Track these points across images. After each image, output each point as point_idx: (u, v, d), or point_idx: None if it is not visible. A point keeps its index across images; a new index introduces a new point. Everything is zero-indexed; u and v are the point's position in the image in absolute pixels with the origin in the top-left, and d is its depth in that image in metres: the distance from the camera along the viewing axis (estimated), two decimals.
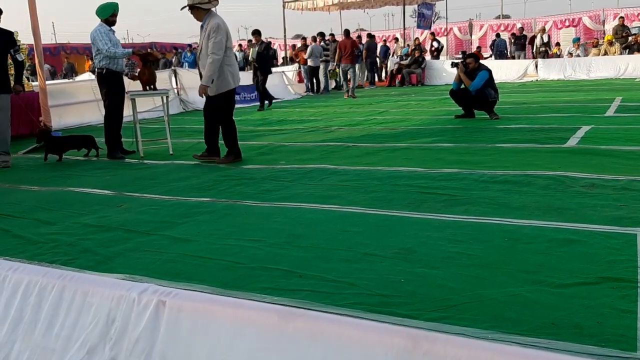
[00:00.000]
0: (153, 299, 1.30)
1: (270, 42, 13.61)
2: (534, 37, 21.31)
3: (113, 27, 6.80)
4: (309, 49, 16.80)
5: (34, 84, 9.44)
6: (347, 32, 16.28)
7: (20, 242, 3.66)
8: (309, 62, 17.00)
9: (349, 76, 15.58)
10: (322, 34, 18.15)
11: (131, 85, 7.18)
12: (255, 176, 5.38)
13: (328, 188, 4.71)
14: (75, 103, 10.51)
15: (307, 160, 6.01)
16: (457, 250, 3.03)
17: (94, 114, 10.63)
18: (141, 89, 6.96)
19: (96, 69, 6.76)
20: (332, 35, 18.38)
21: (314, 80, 17.38)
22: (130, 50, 6.88)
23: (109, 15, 6.68)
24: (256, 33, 13.38)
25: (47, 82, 8.67)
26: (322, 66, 17.21)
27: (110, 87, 6.70)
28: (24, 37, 9.28)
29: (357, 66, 16.29)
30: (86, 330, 1.34)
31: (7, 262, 1.60)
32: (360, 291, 2.59)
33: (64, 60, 24.91)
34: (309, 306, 2.39)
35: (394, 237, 3.32)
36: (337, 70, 16.56)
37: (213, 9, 6.11)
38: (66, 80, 17.71)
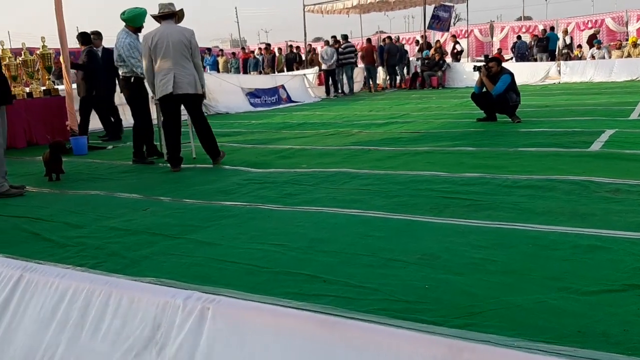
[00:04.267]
0: (197, 305, 1.33)
1: (91, 48, 9.23)
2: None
3: (138, 34, 6.86)
4: (319, 53, 17.08)
5: (60, 87, 9.59)
6: (368, 40, 20.85)
7: (49, 245, 3.73)
8: (323, 66, 17.18)
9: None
10: (334, 37, 18.22)
11: None
12: (277, 180, 5.41)
13: (350, 192, 4.73)
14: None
15: (328, 164, 6.04)
16: (481, 256, 3.02)
17: None
18: None
19: (123, 75, 6.83)
20: (333, 37, 18.39)
21: (329, 83, 17.45)
22: None
23: (141, 24, 6.77)
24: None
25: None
26: (338, 69, 17.31)
27: (136, 93, 6.78)
28: (50, 42, 9.48)
29: (380, 68, 19.25)
30: (133, 335, 1.38)
31: (54, 268, 1.65)
32: (384, 297, 2.60)
33: None
34: (332, 311, 2.41)
35: (417, 242, 3.33)
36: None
37: (170, 20, 6.17)
38: None
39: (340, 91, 17.71)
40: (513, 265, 2.89)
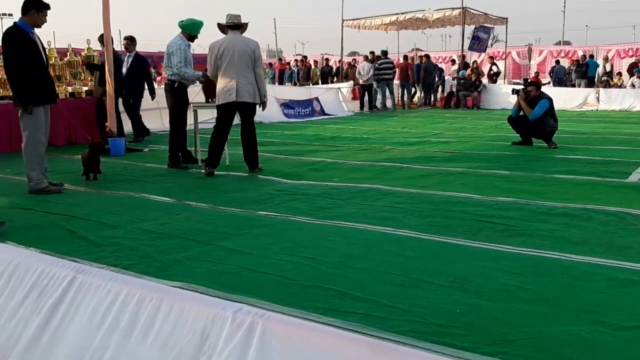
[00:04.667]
0: (247, 319, 1.34)
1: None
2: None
3: (190, 42, 7.03)
4: (358, 68, 17.24)
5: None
6: (405, 57, 20.29)
7: (85, 244, 3.81)
8: (360, 81, 17.29)
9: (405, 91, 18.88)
10: (372, 53, 18.32)
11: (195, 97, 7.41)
12: (308, 192, 5.44)
13: (382, 209, 4.72)
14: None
15: (360, 179, 6.04)
16: (514, 283, 2.99)
17: (156, 122, 11.00)
18: (204, 100, 7.19)
19: (167, 80, 6.96)
20: (372, 52, 18.50)
21: (365, 98, 17.51)
22: (199, 74, 7.03)
23: (196, 33, 7.00)
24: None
25: None
26: (374, 85, 17.37)
27: (177, 99, 6.91)
28: (95, 45, 9.72)
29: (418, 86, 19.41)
30: (181, 344, 1.40)
31: (107, 272, 1.70)
32: (414, 318, 2.59)
33: None
34: (363, 329, 2.41)
35: (449, 265, 3.31)
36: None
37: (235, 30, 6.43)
38: None
39: (374, 107, 17.73)
40: (546, 295, 2.85)
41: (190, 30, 6.92)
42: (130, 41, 9.64)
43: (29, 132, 5.35)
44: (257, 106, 6.63)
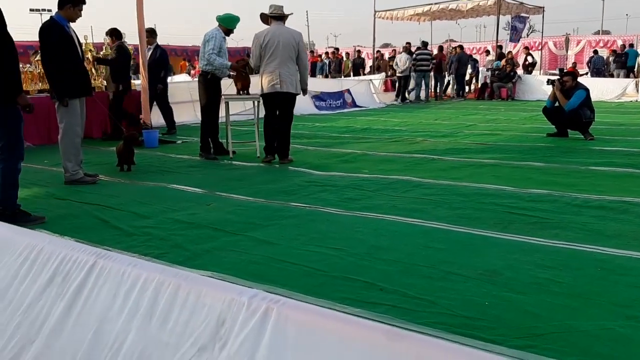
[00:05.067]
0: (262, 305, 1.35)
1: (121, 44, 8.83)
2: None
3: (226, 36, 7.08)
4: (395, 59, 17.06)
5: (136, 82, 9.95)
6: (440, 48, 19.89)
7: (117, 233, 3.89)
8: (397, 72, 17.13)
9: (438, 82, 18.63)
10: (409, 43, 18.18)
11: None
12: (338, 183, 5.43)
13: (411, 201, 4.68)
14: (172, 103, 10.91)
15: (390, 171, 6.00)
16: (545, 277, 2.93)
17: (189, 115, 11.12)
18: (235, 92, 7.23)
19: (202, 71, 7.01)
20: (408, 43, 18.37)
21: (401, 90, 17.38)
22: (229, 64, 7.05)
23: (232, 27, 7.07)
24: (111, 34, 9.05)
25: None
26: (412, 76, 17.21)
27: (210, 91, 6.97)
28: (130, 38, 9.86)
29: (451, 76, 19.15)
30: (198, 329, 1.42)
31: (126, 257, 1.73)
32: (442, 311, 2.56)
33: None
34: (391, 321, 2.40)
35: (478, 257, 3.26)
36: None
37: (278, 22, 6.52)
38: None
39: (406, 98, 17.57)
40: (579, 288, 2.79)
41: (227, 23, 6.99)
42: (150, 34, 9.66)
43: (66, 124, 5.47)
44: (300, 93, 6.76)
